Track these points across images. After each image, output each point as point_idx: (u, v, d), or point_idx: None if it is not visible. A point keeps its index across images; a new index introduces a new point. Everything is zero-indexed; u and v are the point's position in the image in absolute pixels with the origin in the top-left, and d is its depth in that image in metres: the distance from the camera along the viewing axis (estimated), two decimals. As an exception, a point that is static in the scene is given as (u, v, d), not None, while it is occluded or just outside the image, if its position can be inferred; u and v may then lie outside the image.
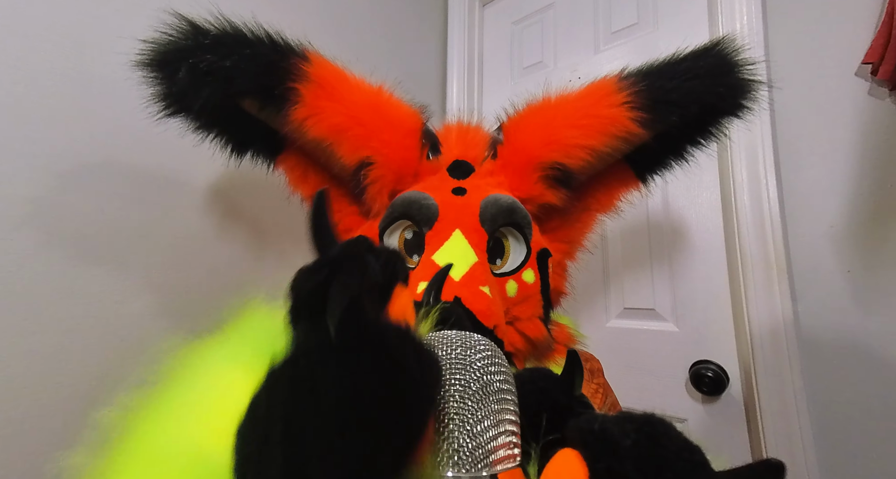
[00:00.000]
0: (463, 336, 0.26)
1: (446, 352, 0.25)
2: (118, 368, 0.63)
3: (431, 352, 0.22)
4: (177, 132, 0.57)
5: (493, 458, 0.23)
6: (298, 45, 0.51)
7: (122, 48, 0.55)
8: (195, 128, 0.56)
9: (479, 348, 0.26)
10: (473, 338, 0.26)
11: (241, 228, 0.82)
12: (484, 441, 0.23)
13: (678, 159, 0.60)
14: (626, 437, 0.22)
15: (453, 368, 0.25)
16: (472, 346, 0.26)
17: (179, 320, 0.72)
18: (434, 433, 0.23)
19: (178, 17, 0.48)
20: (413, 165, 0.55)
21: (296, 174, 0.59)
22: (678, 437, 0.23)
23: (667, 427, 0.23)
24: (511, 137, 0.56)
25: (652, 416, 0.24)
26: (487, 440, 0.23)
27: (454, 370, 0.24)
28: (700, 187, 0.96)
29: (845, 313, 0.78)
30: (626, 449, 0.22)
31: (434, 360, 0.22)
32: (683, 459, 0.22)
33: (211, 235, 0.78)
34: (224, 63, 0.46)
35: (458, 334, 0.26)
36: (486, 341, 0.27)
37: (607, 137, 0.51)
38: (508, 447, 0.24)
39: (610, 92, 0.52)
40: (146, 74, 0.50)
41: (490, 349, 0.26)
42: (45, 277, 0.59)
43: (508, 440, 0.24)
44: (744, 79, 0.52)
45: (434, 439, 0.23)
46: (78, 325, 0.61)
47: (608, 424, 0.23)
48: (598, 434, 0.23)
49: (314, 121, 0.49)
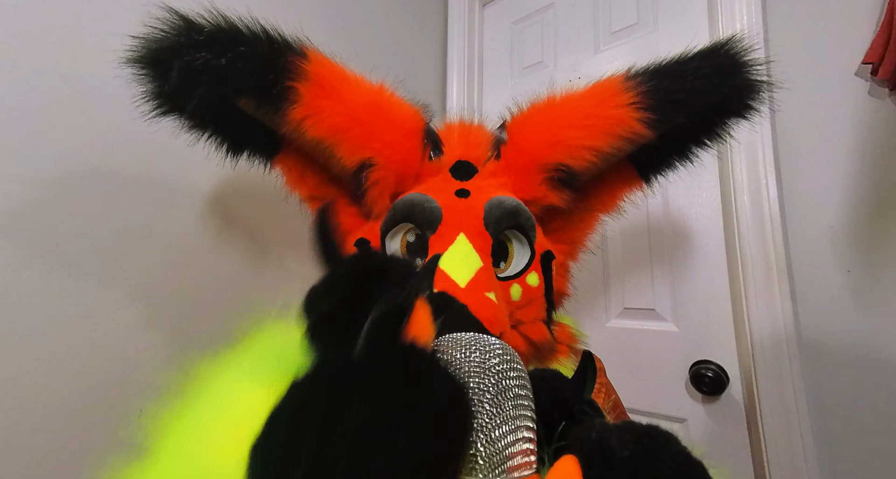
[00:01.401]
0: (477, 339, 0.26)
1: (462, 356, 0.25)
2: (113, 375, 0.63)
3: (458, 384, 0.22)
4: (169, 132, 0.55)
5: (509, 465, 0.23)
6: (296, 42, 0.49)
7: (112, 45, 0.53)
8: (189, 128, 0.54)
9: (495, 352, 0.25)
10: (488, 341, 0.26)
11: (238, 231, 0.82)
12: (501, 448, 0.23)
13: (682, 159, 0.59)
14: (624, 448, 0.22)
15: (470, 372, 0.24)
16: (488, 349, 0.25)
17: (175, 325, 0.71)
18: None
19: (171, 11, 0.46)
20: (415, 166, 0.54)
21: (294, 175, 0.58)
22: (679, 452, 0.22)
23: (668, 441, 0.22)
24: (515, 138, 0.55)
25: (655, 428, 0.23)
26: (504, 446, 0.23)
27: (471, 375, 0.24)
28: (700, 187, 0.97)
29: (845, 313, 0.78)
30: (621, 461, 0.21)
31: (462, 393, 0.22)
32: (681, 475, 0.21)
33: (209, 238, 0.77)
34: (219, 61, 0.45)
35: (472, 337, 0.26)
36: (500, 342, 0.26)
37: (613, 138, 0.50)
38: (525, 453, 0.24)
39: (616, 92, 0.51)
40: (137, 72, 0.48)
41: (505, 352, 0.26)
42: (35, 285, 0.58)
43: (525, 447, 0.24)
44: (752, 79, 0.51)
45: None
46: (71, 333, 0.61)
47: (607, 433, 0.23)
48: (595, 443, 0.22)
49: (313, 121, 0.48)
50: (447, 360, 0.25)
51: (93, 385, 0.62)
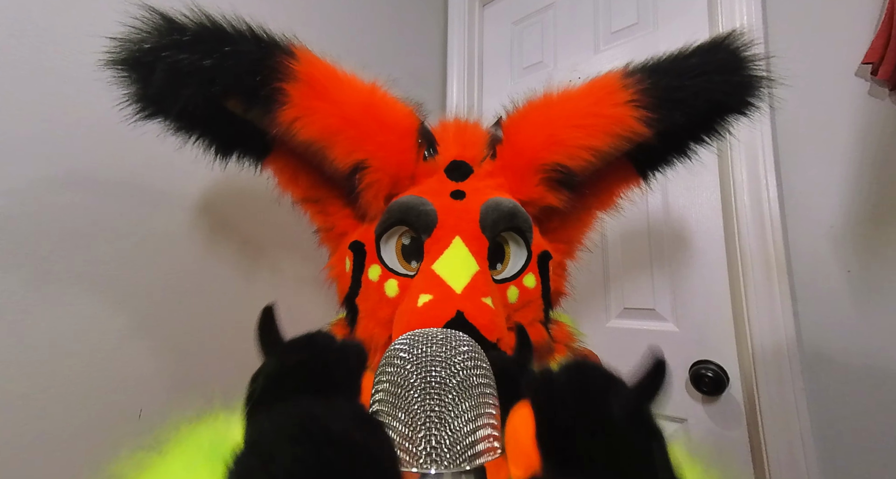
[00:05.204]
0: (445, 334, 0.27)
1: (423, 349, 0.26)
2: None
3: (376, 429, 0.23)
4: (155, 136, 0.53)
5: (472, 451, 0.24)
6: (284, 41, 0.47)
7: (92, 46, 0.50)
8: (175, 130, 0.52)
9: (460, 348, 0.27)
10: (456, 336, 0.27)
11: (232, 233, 0.81)
12: (463, 435, 0.24)
13: (681, 156, 0.58)
14: (562, 373, 0.26)
15: (431, 364, 0.25)
16: (454, 344, 0.27)
17: (169, 328, 0.70)
18: (412, 431, 0.24)
19: (151, 11, 0.44)
20: (409, 167, 0.53)
21: (286, 176, 0.56)
22: (602, 367, 0.27)
23: (594, 364, 0.28)
24: (511, 137, 0.54)
25: (583, 359, 0.28)
26: (467, 433, 0.24)
27: (431, 367, 0.25)
28: (700, 187, 0.96)
29: (845, 313, 0.78)
30: (560, 385, 0.26)
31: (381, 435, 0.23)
32: (605, 378, 0.26)
33: (202, 239, 0.76)
34: (204, 62, 0.43)
35: (441, 332, 0.27)
36: (468, 339, 0.28)
37: (611, 137, 0.49)
38: (489, 439, 0.25)
39: (614, 89, 0.50)
40: (118, 75, 0.46)
41: (471, 348, 0.27)
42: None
43: (489, 433, 0.25)
44: (753, 76, 0.50)
45: (412, 436, 0.24)
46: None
47: (547, 372, 0.27)
48: (540, 382, 0.27)
49: (304, 122, 0.46)
50: (416, 355, 0.26)
51: (83, 389, 0.61)
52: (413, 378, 0.25)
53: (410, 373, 0.25)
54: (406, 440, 0.24)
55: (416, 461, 0.23)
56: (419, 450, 0.23)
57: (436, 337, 0.27)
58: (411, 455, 0.23)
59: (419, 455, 0.23)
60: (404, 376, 0.25)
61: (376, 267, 0.50)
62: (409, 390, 0.25)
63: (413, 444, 0.23)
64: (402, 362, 0.26)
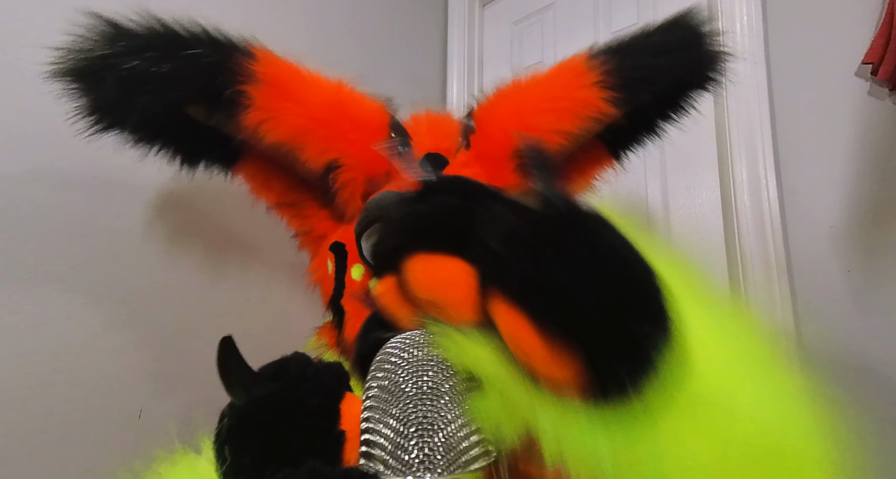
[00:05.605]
0: (430, 336, 0.26)
1: (412, 354, 0.25)
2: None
3: None
4: (113, 148, 0.49)
5: (467, 457, 0.23)
6: (242, 42, 0.46)
7: (36, 57, 0.47)
8: (134, 142, 0.49)
9: None
10: None
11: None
12: (457, 441, 0.23)
13: (650, 134, 0.59)
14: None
15: (422, 368, 0.24)
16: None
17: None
18: (404, 439, 0.23)
19: (96, 17, 0.42)
20: (384, 163, 0.52)
21: (258, 182, 0.55)
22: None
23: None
24: (483, 126, 0.53)
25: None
26: (459, 440, 0.23)
27: (423, 371, 0.24)
28: (700, 187, 0.96)
29: (845, 313, 0.78)
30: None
31: None
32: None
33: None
34: (157, 68, 0.41)
35: (426, 335, 0.26)
36: None
37: (581, 120, 0.50)
38: (481, 445, 0.24)
39: (580, 72, 0.50)
40: (66, 87, 0.43)
41: None
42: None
43: (481, 438, 0.24)
44: (711, 50, 0.51)
45: (404, 444, 0.23)
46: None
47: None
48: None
49: (270, 125, 0.44)
50: (408, 359, 0.25)
51: (84, 389, 0.61)
52: (404, 384, 0.24)
53: (402, 378, 0.24)
54: (398, 447, 0.23)
55: (409, 469, 0.22)
56: (412, 458, 0.22)
57: (420, 340, 0.26)
58: (404, 463, 0.22)
59: (412, 463, 0.22)
60: (395, 382, 0.24)
61: (359, 266, 0.49)
62: (401, 396, 0.24)
63: (405, 452, 0.23)
64: (393, 366, 0.25)
